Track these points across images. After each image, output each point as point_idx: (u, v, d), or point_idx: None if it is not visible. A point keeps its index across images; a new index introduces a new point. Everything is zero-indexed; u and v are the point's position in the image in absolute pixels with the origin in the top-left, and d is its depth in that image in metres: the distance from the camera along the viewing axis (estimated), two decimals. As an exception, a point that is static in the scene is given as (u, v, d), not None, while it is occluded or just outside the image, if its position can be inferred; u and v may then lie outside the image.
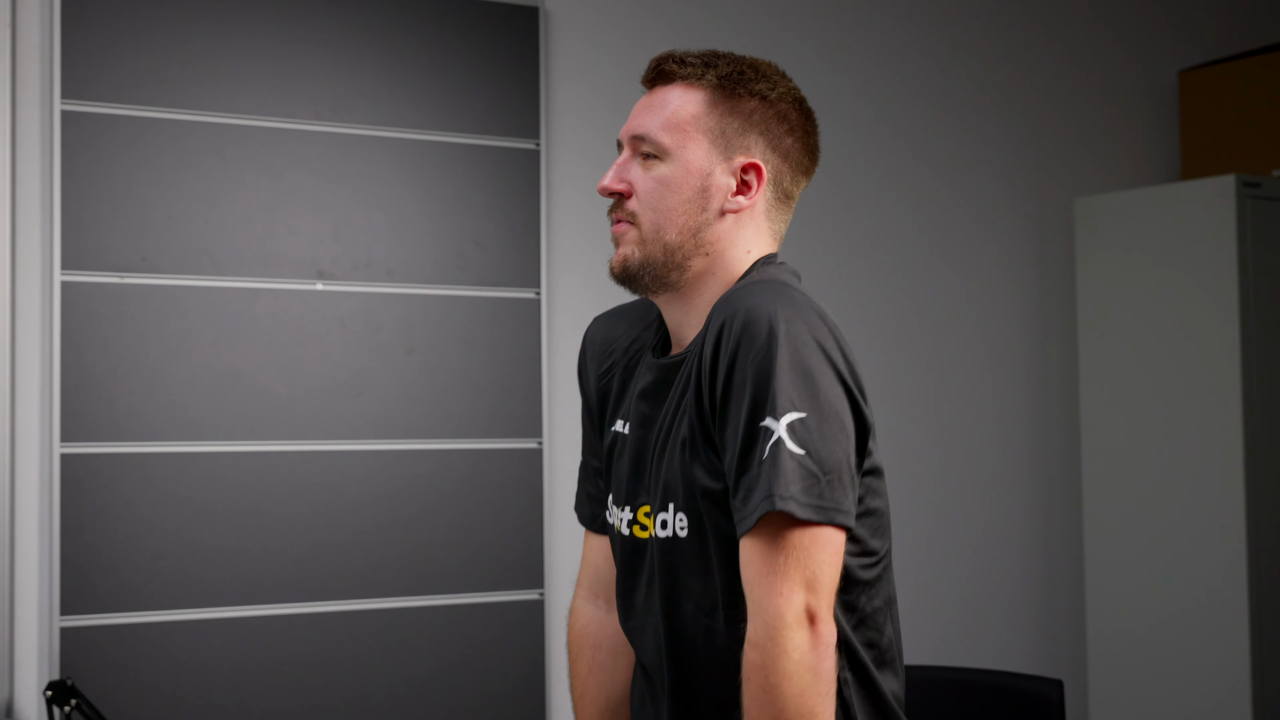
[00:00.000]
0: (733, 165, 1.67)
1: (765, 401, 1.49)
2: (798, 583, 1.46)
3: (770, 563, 1.47)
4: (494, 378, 3.20)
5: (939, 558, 3.82)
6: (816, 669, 1.46)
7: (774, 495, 1.46)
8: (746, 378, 1.50)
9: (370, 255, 3.10)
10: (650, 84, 1.74)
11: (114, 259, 2.87)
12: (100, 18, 2.88)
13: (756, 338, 1.51)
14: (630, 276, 1.70)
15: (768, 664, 1.45)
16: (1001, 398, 3.96)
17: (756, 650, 1.47)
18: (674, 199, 1.66)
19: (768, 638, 1.46)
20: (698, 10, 3.55)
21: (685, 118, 1.67)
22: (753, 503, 1.48)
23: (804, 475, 1.47)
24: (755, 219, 1.70)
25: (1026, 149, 4.03)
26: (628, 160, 1.70)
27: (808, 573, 1.47)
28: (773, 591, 1.46)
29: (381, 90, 3.13)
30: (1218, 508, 3.62)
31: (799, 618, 1.46)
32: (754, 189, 1.69)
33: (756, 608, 1.48)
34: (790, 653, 1.45)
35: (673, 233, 1.66)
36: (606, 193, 1.70)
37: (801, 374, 1.50)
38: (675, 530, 1.64)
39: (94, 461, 2.84)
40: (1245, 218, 3.62)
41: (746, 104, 1.68)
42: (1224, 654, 3.59)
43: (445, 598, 3.13)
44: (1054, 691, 2.44)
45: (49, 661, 2.79)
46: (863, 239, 3.75)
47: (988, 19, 3.99)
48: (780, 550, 1.47)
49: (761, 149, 1.69)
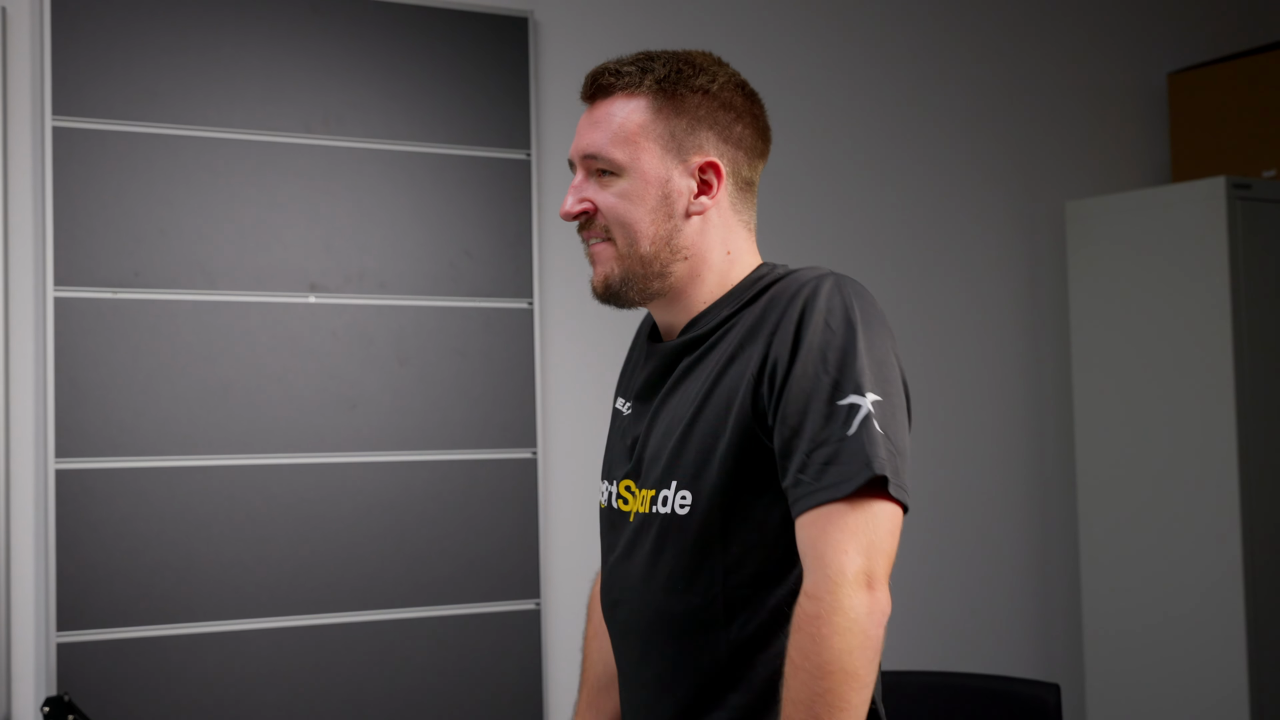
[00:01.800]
0: (689, 167, 1.67)
1: (850, 379, 1.52)
2: (863, 546, 1.48)
3: (840, 523, 1.49)
4: (487, 388, 3.20)
5: (934, 562, 3.82)
6: (868, 631, 1.47)
7: (873, 464, 1.48)
8: (827, 358, 1.54)
9: (362, 267, 3.10)
10: (590, 99, 1.72)
11: (106, 274, 2.88)
12: (90, 34, 2.88)
13: (838, 320, 1.55)
14: (614, 293, 1.70)
15: (822, 615, 1.46)
16: (995, 401, 3.96)
17: (812, 601, 1.48)
18: (639, 210, 1.66)
19: (826, 590, 1.47)
20: (688, 18, 3.56)
21: (633, 128, 1.66)
22: (839, 471, 1.50)
23: (894, 455, 1.51)
24: (723, 215, 1.70)
25: (1017, 152, 4.04)
26: (583, 180, 1.70)
27: (873, 539, 1.49)
28: (838, 548, 1.48)
29: (372, 102, 3.13)
30: (1213, 510, 3.63)
31: (859, 578, 1.47)
32: (715, 187, 1.68)
33: (818, 562, 1.49)
34: (846, 610, 1.46)
35: (646, 244, 1.66)
36: (570, 217, 1.70)
37: (878, 360, 1.55)
38: (675, 507, 1.64)
39: (89, 477, 2.84)
40: (1236, 219, 3.62)
41: (690, 101, 1.68)
42: (1221, 656, 3.60)
43: (441, 609, 3.13)
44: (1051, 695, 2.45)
45: (46, 677, 2.79)
46: (855, 242, 3.76)
47: (977, 23, 3.99)
48: (853, 513, 1.49)
49: (714, 143, 1.68)
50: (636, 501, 1.70)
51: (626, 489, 1.73)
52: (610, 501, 1.77)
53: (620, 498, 1.74)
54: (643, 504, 1.69)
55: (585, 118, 1.71)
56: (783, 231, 3.58)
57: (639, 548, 1.69)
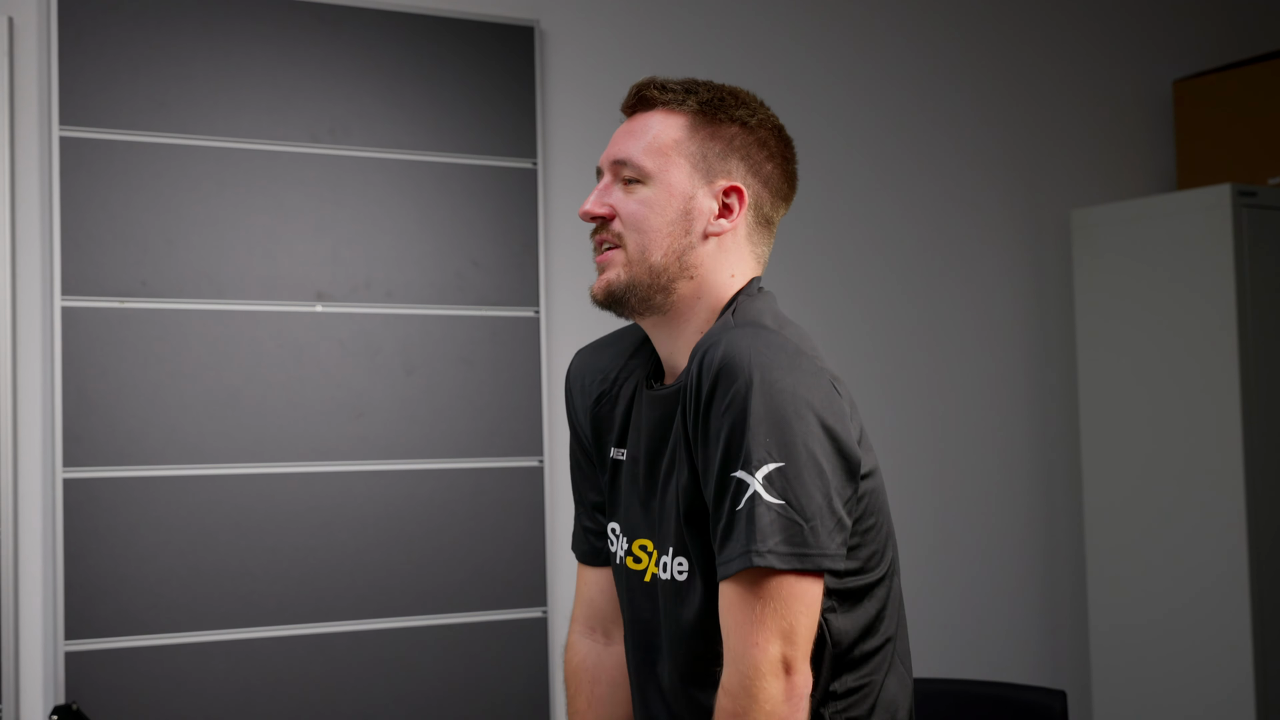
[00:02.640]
0: (714, 188, 1.68)
1: (739, 453, 1.49)
2: (774, 633, 1.48)
3: (747, 612, 1.48)
4: (494, 397, 3.20)
5: (940, 569, 3.82)
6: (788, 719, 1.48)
7: (750, 551, 1.47)
8: (721, 427, 1.51)
9: (369, 276, 3.11)
10: (630, 111, 1.74)
11: (114, 284, 2.88)
12: (97, 44, 2.89)
13: (731, 386, 1.51)
14: (615, 299, 1.69)
15: (739, 712, 1.47)
16: (1001, 408, 3.96)
17: (730, 698, 1.49)
18: (658, 220, 1.67)
19: (741, 687, 1.48)
20: (694, 26, 3.56)
21: (667, 142, 1.68)
22: (729, 553, 1.50)
23: (785, 525, 1.48)
24: (738, 242, 1.70)
25: (1022, 160, 4.04)
26: (609, 185, 1.71)
27: (785, 623, 1.48)
28: (749, 641, 1.48)
29: (379, 112, 3.14)
30: (1219, 518, 3.62)
31: (774, 668, 1.47)
32: (736, 212, 1.69)
33: (732, 655, 1.50)
34: (763, 703, 1.46)
35: (658, 255, 1.66)
36: (589, 217, 1.70)
37: (776, 423, 1.49)
38: (674, 574, 1.64)
39: (96, 486, 2.84)
40: (1241, 226, 3.62)
41: (727, 130, 1.69)
42: (1227, 666, 3.59)
43: (448, 617, 3.13)
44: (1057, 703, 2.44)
45: (54, 686, 2.79)
46: (860, 249, 3.76)
47: (983, 30, 4.00)
48: (757, 600, 1.48)
49: (742, 174, 1.69)
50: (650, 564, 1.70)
51: (640, 548, 1.72)
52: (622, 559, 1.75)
53: (634, 556, 1.73)
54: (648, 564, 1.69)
55: (623, 127, 1.73)
56: (787, 239, 3.58)
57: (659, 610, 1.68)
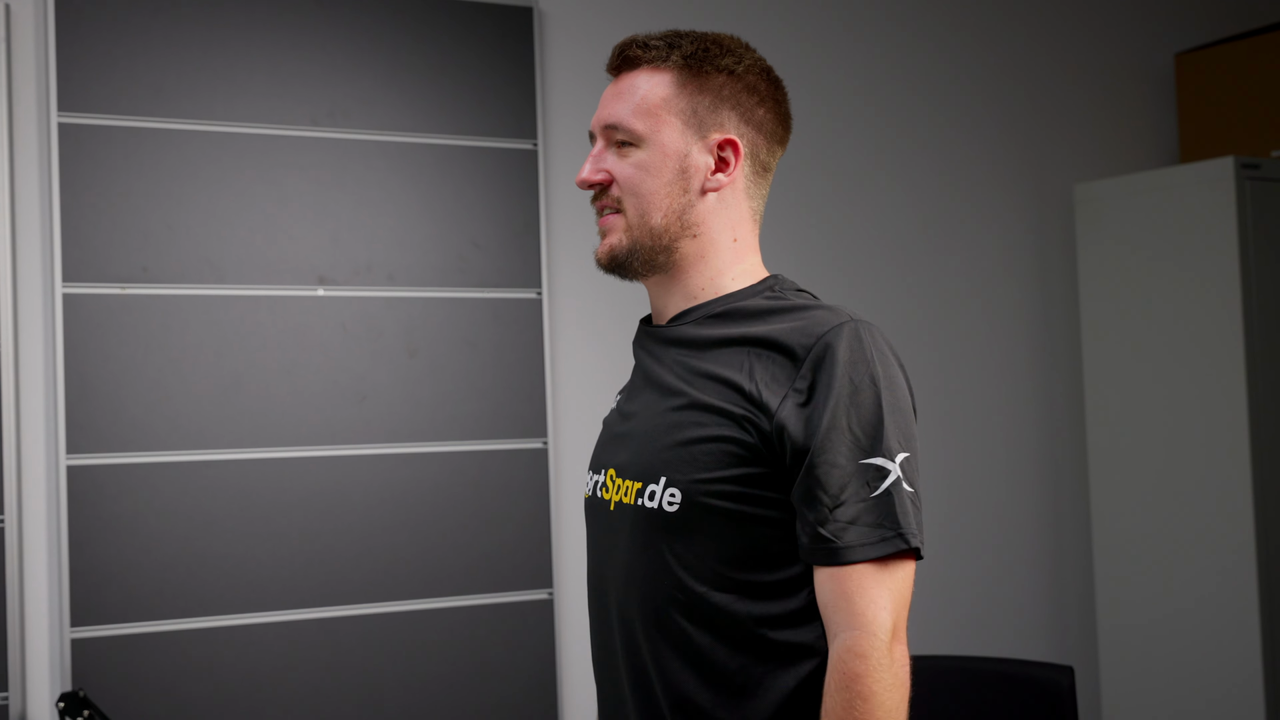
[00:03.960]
0: (709, 143, 1.68)
1: (879, 441, 1.55)
2: (893, 603, 1.54)
3: (874, 581, 1.53)
4: (497, 379, 3.20)
5: (948, 548, 3.82)
6: (907, 684, 1.53)
7: (906, 534, 1.53)
8: (855, 414, 1.55)
9: (370, 260, 3.10)
10: (615, 71, 1.74)
11: (115, 270, 2.88)
12: (95, 29, 2.88)
13: (859, 375, 1.56)
14: (619, 264, 1.70)
15: (872, 672, 1.50)
16: (1005, 385, 3.96)
17: (860, 659, 1.51)
18: (655, 182, 1.67)
19: (871, 647, 1.51)
20: (692, 9, 3.54)
21: (656, 101, 1.67)
22: (867, 532, 1.53)
23: (917, 512, 1.56)
24: (736, 196, 1.70)
25: (1024, 135, 4.03)
26: (602, 150, 1.71)
27: (900, 595, 1.55)
28: (876, 605, 1.53)
29: (378, 95, 3.13)
30: (1224, 492, 3.62)
31: (900, 633, 1.53)
32: (732, 165, 1.69)
33: (858, 619, 1.53)
34: (893, 665, 1.51)
35: (658, 216, 1.67)
36: (586, 185, 1.70)
37: (903, 414, 1.58)
38: (663, 503, 1.63)
39: (100, 473, 2.84)
40: (1245, 199, 3.61)
41: (714, 80, 1.69)
42: (1235, 638, 3.59)
43: (454, 599, 3.13)
44: (1065, 678, 2.44)
45: (60, 673, 2.79)
46: (861, 227, 3.75)
47: (983, 5, 3.98)
48: (884, 572, 1.54)
49: (735, 123, 1.69)
50: (618, 493, 1.70)
51: (613, 477, 1.72)
52: (595, 491, 1.76)
53: (604, 486, 1.74)
54: (626, 495, 1.68)
55: (610, 89, 1.72)
56: (788, 217, 3.57)
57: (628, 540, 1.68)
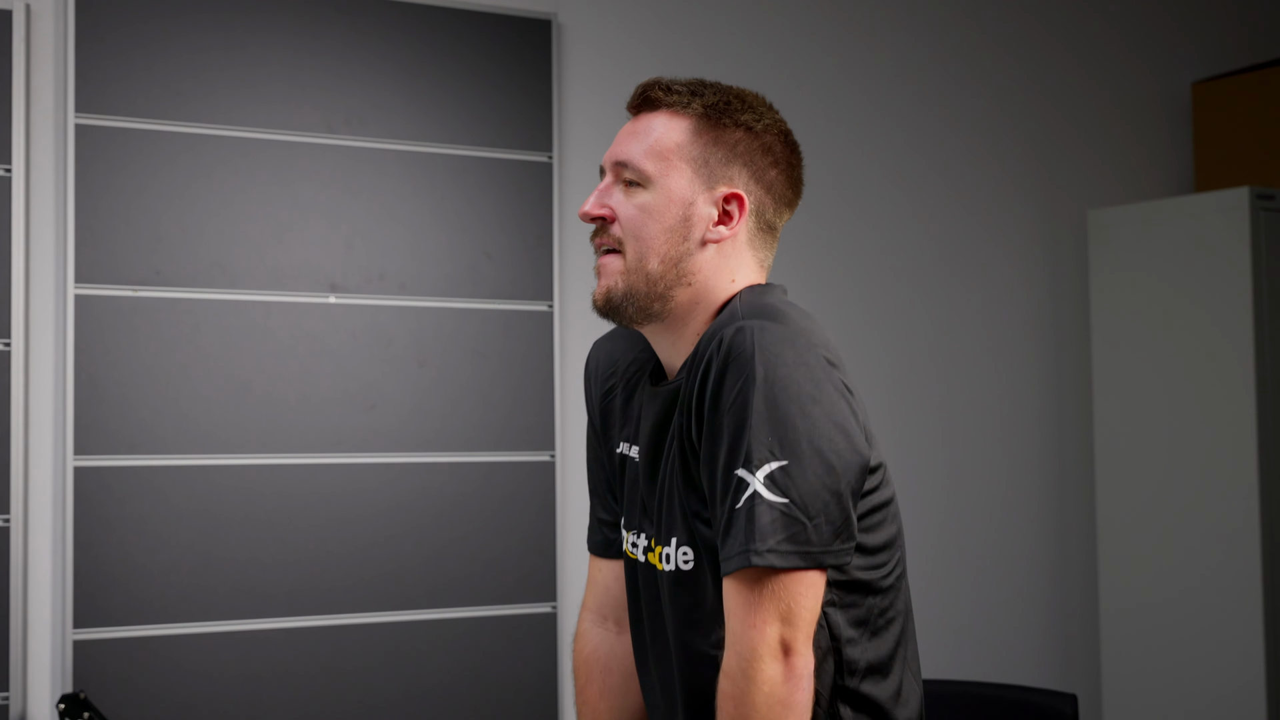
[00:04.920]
0: (715, 195, 1.66)
1: (740, 452, 1.49)
2: (774, 616, 1.48)
3: (748, 600, 1.49)
4: (506, 391, 3.20)
5: (951, 571, 3.81)
6: (787, 701, 1.47)
7: (750, 550, 1.47)
8: (725, 424, 1.50)
9: (383, 268, 3.10)
10: (635, 110, 1.72)
11: (127, 272, 2.88)
12: (113, 32, 2.89)
13: (736, 382, 1.50)
14: (614, 308, 1.68)
15: (739, 694, 1.48)
16: (1015, 409, 3.95)
17: (729, 680, 1.49)
18: (655, 227, 1.65)
19: (739, 669, 1.48)
20: (710, 22, 3.55)
21: (669, 145, 1.66)
22: (728, 550, 1.50)
23: (787, 524, 1.48)
24: (738, 249, 1.68)
25: (1040, 161, 4.03)
26: (609, 186, 1.69)
27: (783, 607, 1.48)
28: (747, 624, 1.49)
29: (394, 103, 3.13)
30: (1233, 521, 3.61)
31: (773, 650, 1.48)
32: (736, 219, 1.66)
33: (732, 638, 1.50)
34: (761, 685, 1.47)
35: (655, 262, 1.65)
36: (588, 218, 1.68)
37: (780, 420, 1.48)
38: (679, 564, 1.64)
39: (107, 475, 2.84)
40: (1259, 229, 3.60)
41: (731, 134, 1.67)
42: (1239, 668, 3.58)
43: (457, 611, 3.13)
44: (1068, 706, 2.43)
45: (62, 674, 2.79)
46: (876, 250, 3.75)
47: (1001, 30, 3.98)
48: (758, 590, 1.49)
49: (745, 180, 1.67)
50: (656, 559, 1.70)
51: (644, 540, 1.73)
52: (641, 555, 1.75)
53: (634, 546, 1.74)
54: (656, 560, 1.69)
55: (627, 127, 1.71)
56: (801, 239, 3.57)
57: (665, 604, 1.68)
